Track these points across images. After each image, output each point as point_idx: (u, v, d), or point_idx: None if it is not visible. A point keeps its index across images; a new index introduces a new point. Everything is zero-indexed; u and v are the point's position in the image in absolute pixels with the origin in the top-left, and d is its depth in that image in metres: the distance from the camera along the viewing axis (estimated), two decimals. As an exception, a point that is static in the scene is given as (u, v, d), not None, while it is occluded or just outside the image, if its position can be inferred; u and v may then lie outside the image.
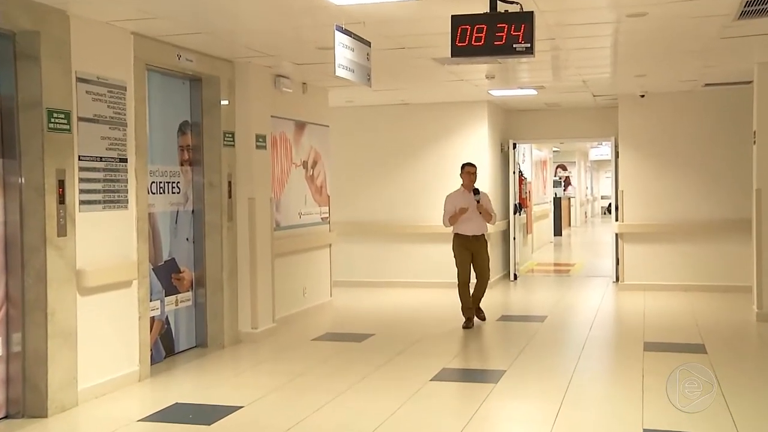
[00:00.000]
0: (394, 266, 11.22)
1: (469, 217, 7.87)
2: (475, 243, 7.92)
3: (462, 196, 7.96)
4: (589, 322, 8.27)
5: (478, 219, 7.90)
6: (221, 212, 7.15)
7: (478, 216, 7.90)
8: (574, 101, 11.08)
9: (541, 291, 11.08)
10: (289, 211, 8.49)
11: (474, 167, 8.04)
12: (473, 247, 7.92)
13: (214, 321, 7.17)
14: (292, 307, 8.50)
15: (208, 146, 7.13)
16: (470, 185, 7.96)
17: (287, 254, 8.36)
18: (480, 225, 7.93)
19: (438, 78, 8.66)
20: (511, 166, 11.95)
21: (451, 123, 11.06)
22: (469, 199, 7.90)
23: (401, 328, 8.10)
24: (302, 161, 8.83)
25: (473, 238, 7.92)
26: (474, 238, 7.92)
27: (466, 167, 8.02)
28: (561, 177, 25.62)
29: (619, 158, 10.85)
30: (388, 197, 11.24)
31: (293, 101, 8.53)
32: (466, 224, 7.90)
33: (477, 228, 7.92)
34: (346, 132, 11.14)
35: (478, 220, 7.91)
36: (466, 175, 7.99)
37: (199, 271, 7.13)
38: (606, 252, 13.63)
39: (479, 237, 7.95)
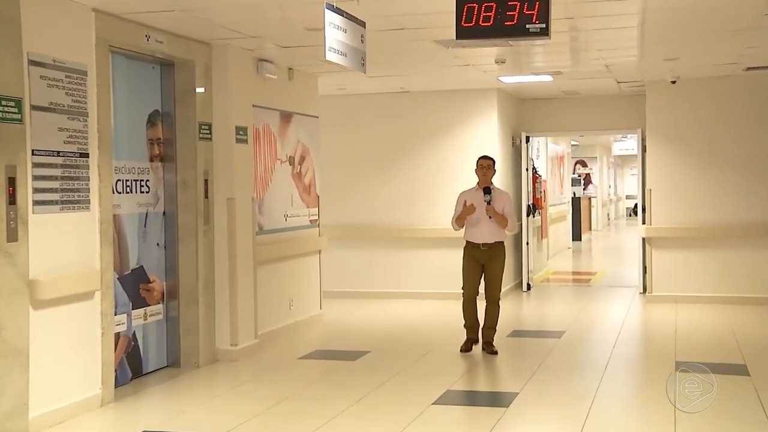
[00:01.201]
0: (393, 275, 11.23)
1: (478, 220, 7.44)
2: (487, 253, 7.44)
3: (475, 195, 7.54)
4: (613, 339, 8.25)
5: (491, 224, 7.43)
6: (196, 214, 7.15)
7: (489, 220, 7.43)
8: (596, 89, 11.07)
9: (558, 303, 11.08)
10: (274, 213, 8.49)
11: (489, 160, 7.62)
12: (483, 257, 7.45)
13: (187, 337, 7.15)
14: (277, 322, 8.50)
15: (182, 140, 7.12)
16: (484, 182, 7.55)
17: (271, 262, 8.35)
18: (492, 231, 7.44)
19: (441, 63, 8.65)
20: (523, 162, 11.95)
21: (457, 113, 11.07)
22: (479, 199, 7.48)
23: (400, 344, 8.09)
24: (288, 157, 8.83)
25: (484, 246, 7.44)
26: (485, 247, 7.44)
27: (480, 160, 7.65)
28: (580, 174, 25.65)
29: (646, 153, 10.86)
30: (385, 197, 11.26)
31: (278, 89, 8.52)
32: (476, 230, 7.47)
33: (488, 234, 7.43)
34: (337, 124, 11.14)
35: (491, 224, 7.43)
36: (479, 169, 7.61)
37: (171, 280, 7.13)
38: (632, 259, 13.63)
39: (492, 246, 7.44)
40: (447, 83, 10.41)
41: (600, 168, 26.63)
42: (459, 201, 7.61)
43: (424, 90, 10.96)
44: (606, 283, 12.88)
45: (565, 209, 18.89)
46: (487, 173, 7.55)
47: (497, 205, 7.46)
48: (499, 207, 7.46)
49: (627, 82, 10.51)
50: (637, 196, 11.67)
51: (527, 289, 11.87)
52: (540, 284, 12.68)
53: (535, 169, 12.77)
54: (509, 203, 7.59)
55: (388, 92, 11.05)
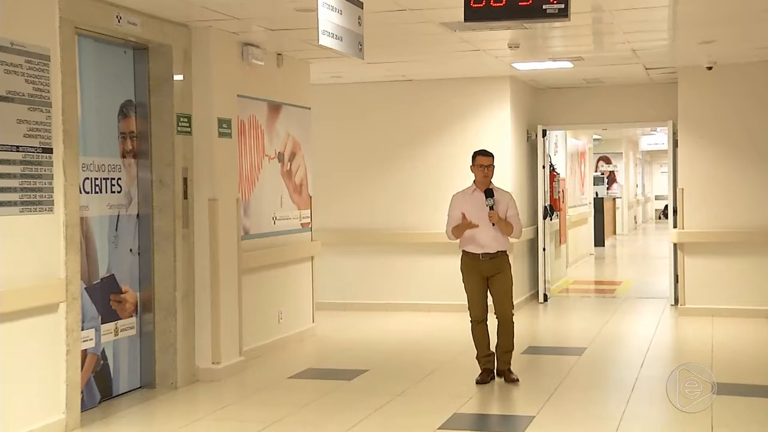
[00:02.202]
0: (394, 284, 11.25)
1: (479, 228, 7.05)
2: (490, 266, 7.10)
3: (471, 198, 7.17)
4: (641, 357, 8.24)
5: (493, 230, 7.06)
6: (174, 217, 7.15)
7: (491, 226, 7.05)
8: (621, 76, 11.06)
9: (579, 316, 11.09)
10: (261, 216, 8.51)
11: (489, 157, 7.22)
12: (487, 270, 7.12)
13: (164, 355, 7.14)
14: (265, 337, 8.51)
15: (158, 133, 7.12)
16: (484, 183, 7.17)
17: (258, 270, 8.36)
18: (496, 239, 7.08)
19: (448, 48, 8.66)
20: (540, 158, 11.96)
21: (465, 104, 11.07)
22: (479, 203, 7.11)
23: (402, 362, 8.09)
24: (277, 153, 8.84)
25: (485, 258, 7.10)
26: (487, 258, 7.10)
27: (478, 157, 7.22)
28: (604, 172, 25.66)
29: (678, 148, 10.85)
30: (385, 198, 11.27)
31: (265, 77, 8.53)
32: (475, 238, 7.08)
33: (490, 243, 7.07)
34: (332, 116, 11.16)
35: (492, 231, 7.06)
36: (477, 168, 7.20)
37: (146, 291, 7.13)
38: (662, 267, 13.62)
39: (495, 256, 7.09)
40: (454, 71, 10.41)
41: (626, 165, 26.69)
42: (453, 205, 7.24)
43: (428, 78, 10.96)
44: (633, 294, 12.87)
45: (587, 211, 18.90)
46: (488, 173, 7.17)
47: (500, 209, 7.12)
48: (502, 211, 7.13)
49: (657, 68, 10.50)
50: (667, 197, 11.67)
51: (544, 301, 11.86)
52: (558, 295, 12.68)
53: (552, 166, 12.76)
54: (514, 205, 7.24)
55: (389, 81, 11.05)
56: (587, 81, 11.43)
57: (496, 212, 7.06)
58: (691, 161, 10.69)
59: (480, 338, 7.23)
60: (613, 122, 12.79)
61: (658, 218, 33.24)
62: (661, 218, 31.79)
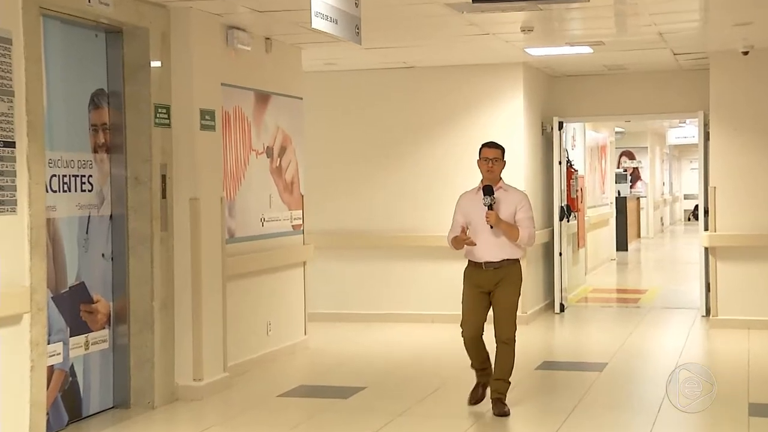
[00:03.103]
0: (394, 293, 11.26)
1: (479, 231, 6.78)
2: (492, 277, 6.80)
3: (476, 198, 6.90)
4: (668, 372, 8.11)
5: (496, 235, 6.76)
6: (151, 218, 7.14)
7: (492, 231, 6.75)
8: (647, 62, 11.05)
9: (599, 328, 11.07)
10: (248, 217, 8.51)
11: (496, 149, 6.94)
12: (488, 282, 6.81)
13: (140, 371, 7.12)
14: (252, 351, 8.51)
15: (133, 126, 7.11)
16: (488, 179, 6.88)
17: (245, 276, 8.36)
18: (499, 245, 6.77)
19: (455, 31, 8.65)
20: (555, 153, 11.94)
21: (473, 94, 11.05)
22: (480, 204, 6.81)
23: (403, 378, 8.10)
24: (266, 147, 8.85)
25: (488, 267, 6.81)
26: (489, 267, 6.81)
27: (483, 149, 6.98)
28: (627, 169, 25.67)
29: (709, 142, 10.86)
30: (384, 197, 11.27)
31: (253, 64, 8.53)
32: (476, 244, 6.81)
33: (492, 250, 6.78)
34: (326, 107, 11.16)
35: (496, 236, 6.76)
36: (482, 162, 6.93)
37: (120, 300, 7.11)
38: (692, 274, 13.62)
39: (500, 266, 6.81)
40: (461, 57, 10.39)
41: (651, 161, 26.67)
42: (458, 208, 7.02)
43: (432, 65, 10.95)
44: (659, 304, 12.88)
45: (608, 212, 18.93)
46: (494, 167, 6.86)
47: (504, 209, 6.82)
48: (508, 211, 6.82)
49: (686, 53, 10.50)
50: (697, 196, 11.66)
51: (560, 311, 11.85)
52: (576, 305, 12.69)
53: (570, 162, 12.76)
54: (526, 207, 6.89)
55: (389, 68, 11.03)
56: (608, 68, 11.41)
57: (494, 213, 6.71)
58: (724, 156, 10.68)
59: (475, 351, 7.00)
60: (638, 113, 12.74)
61: (688, 220, 33.24)
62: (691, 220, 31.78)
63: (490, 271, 6.82)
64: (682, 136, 25.73)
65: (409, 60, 10.62)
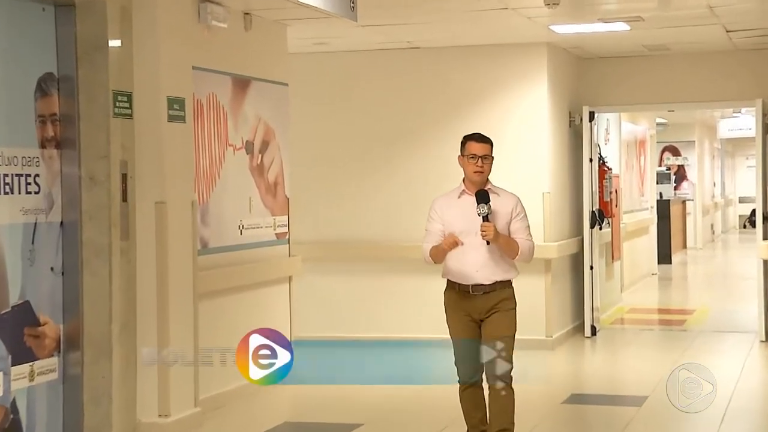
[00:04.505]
0: (394, 313, 11.29)
1: (467, 247, 6.48)
2: (483, 303, 6.52)
3: (459, 204, 6.62)
4: (721, 409, 8.17)
5: (489, 252, 6.48)
6: (110, 226, 7.11)
7: (486, 247, 6.47)
8: (694, 42, 11.08)
9: (638, 355, 11.05)
10: (224, 224, 8.53)
11: (485, 144, 6.59)
12: (479, 309, 6.53)
13: (95, 406, 7.07)
14: (228, 382, 8.46)
15: (88, 116, 7.07)
16: (476, 182, 6.57)
17: (220, 294, 8.38)
18: (491, 265, 6.50)
19: (467, 5, 8.70)
20: (585, 149, 11.96)
21: (488, 80, 11.07)
22: (469, 212, 6.51)
23: (406, 414, 8.14)
24: (245, 142, 8.87)
25: (477, 291, 6.52)
26: (479, 292, 6.52)
27: (469, 143, 6.61)
28: (670, 167, 25.66)
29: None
30: (383, 201, 11.31)
31: (230, 44, 8.55)
32: (462, 262, 6.51)
33: (483, 271, 6.49)
34: (316, 94, 11.19)
35: (489, 253, 6.48)
36: (467, 160, 6.58)
37: (72, 322, 7.06)
38: (748, 291, 13.58)
39: (491, 290, 6.52)
40: (474, 36, 10.40)
41: (699, 158, 26.66)
42: (435, 215, 6.69)
43: (441, 46, 10.97)
44: (709, 327, 12.84)
45: (648, 218, 18.92)
46: (485, 167, 6.55)
47: (500, 219, 6.53)
48: (503, 222, 6.55)
49: (741, 30, 10.47)
50: (755, 199, 11.64)
51: (591, 334, 11.87)
52: (611, 327, 12.68)
53: (603, 159, 12.78)
54: (522, 213, 6.67)
55: (389, 49, 11.05)
56: (648, 48, 11.44)
57: (492, 225, 6.40)
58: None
59: (470, 407, 6.63)
60: (683, 101, 12.76)
61: (743, 227, 33.13)
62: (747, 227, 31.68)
63: (480, 296, 6.54)
64: (736, 128, 25.75)
65: (413, 39, 10.63)
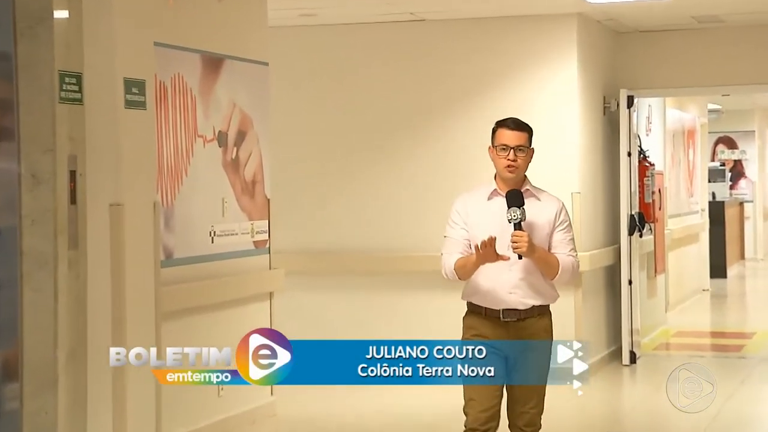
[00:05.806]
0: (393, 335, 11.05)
1: (501, 263, 6.20)
2: (513, 333, 6.32)
3: (489, 207, 6.40)
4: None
5: (524, 269, 6.30)
6: (56, 232, 7.04)
7: (519, 262, 6.27)
8: (754, 12, 11.21)
9: (685, 386, 11.06)
10: (192, 230, 8.66)
11: (521, 132, 6.34)
12: (509, 342, 6.31)
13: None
14: (198, 418, 8.63)
15: (29, 102, 7.02)
16: (508, 179, 6.34)
17: (188, 313, 8.48)
18: (526, 285, 6.31)
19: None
20: (623, 140, 12.01)
21: (508, 57, 11.18)
22: (500, 219, 6.26)
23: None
24: (217, 132, 8.95)
25: (509, 317, 6.32)
26: (510, 318, 6.32)
27: (500, 130, 6.37)
28: (725, 162, 25.75)
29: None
30: (380, 203, 11.47)
31: (199, 16, 8.68)
32: (490, 282, 6.31)
33: (517, 293, 6.30)
34: (301, 76, 11.37)
35: (523, 271, 6.30)
36: (498, 152, 6.36)
37: (10, 348, 6.99)
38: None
39: (526, 317, 6.33)
40: (491, 6, 10.53)
41: (760, 151, 26.87)
42: (456, 219, 6.48)
43: (450, 18, 11.07)
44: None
45: (698, 223, 19.08)
46: (519, 160, 6.32)
47: (539, 229, 6.35)
48: (543, 232, 6.36)
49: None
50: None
51: (631, 362, 11.98)
52: (654, 353, 12.88)
53: (643, 153, 12.94)
54: (567, 222, 6.46)
55: (391, 22, 11.17)
56: (698, 19, 11.54)
57: (525, 234, 6.17)
58: None
59: None
60: (740, 84, 12.80)
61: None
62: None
63: (512, 324, 6.33)
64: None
65: (418, 10, 10.73)
